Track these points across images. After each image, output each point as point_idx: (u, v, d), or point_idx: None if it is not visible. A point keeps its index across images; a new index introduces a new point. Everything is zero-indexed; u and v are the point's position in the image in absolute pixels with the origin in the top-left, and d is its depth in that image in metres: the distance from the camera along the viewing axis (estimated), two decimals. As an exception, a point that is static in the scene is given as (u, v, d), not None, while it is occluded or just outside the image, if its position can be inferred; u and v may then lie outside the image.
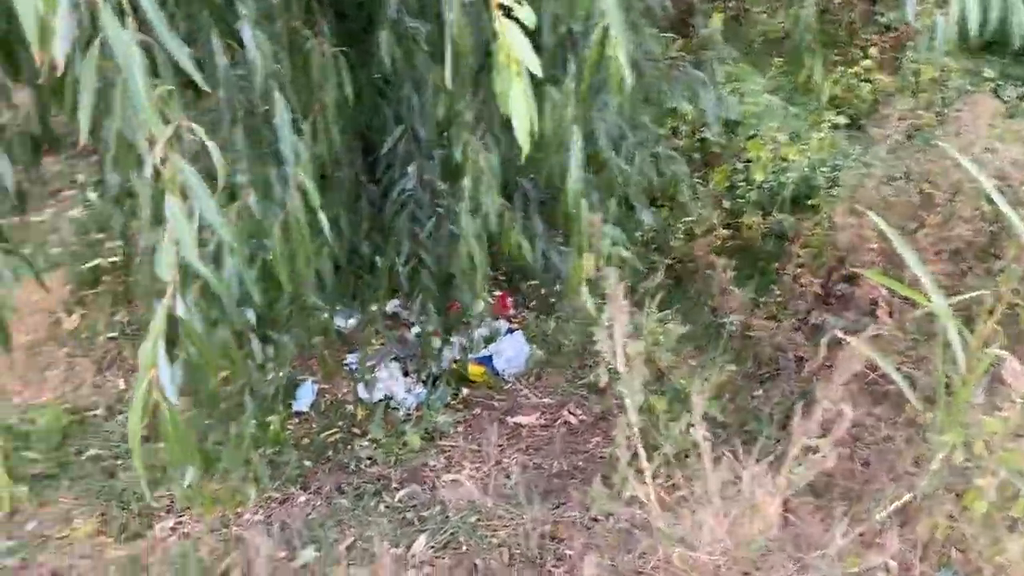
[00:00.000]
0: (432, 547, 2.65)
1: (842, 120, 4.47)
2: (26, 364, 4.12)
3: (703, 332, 3.61)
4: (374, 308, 3.46)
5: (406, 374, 3.71)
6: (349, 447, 3.40)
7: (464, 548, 2.62)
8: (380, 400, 3.53)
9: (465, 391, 3.68)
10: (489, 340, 3.89)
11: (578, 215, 2.03)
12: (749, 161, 4.30)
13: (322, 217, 1.73)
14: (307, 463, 3.32)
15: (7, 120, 2.16)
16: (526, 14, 1.38)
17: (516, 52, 1.40)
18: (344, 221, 3.31)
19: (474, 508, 2.79)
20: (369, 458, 3.29)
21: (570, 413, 3.43)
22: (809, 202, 3.93)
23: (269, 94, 1.68)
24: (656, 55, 3.52)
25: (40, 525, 3.20)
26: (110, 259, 4.29)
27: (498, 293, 4.21)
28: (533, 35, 1.45)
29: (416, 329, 3.80)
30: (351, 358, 3.85)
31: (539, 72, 1.44)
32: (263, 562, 2.65)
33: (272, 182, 1.76)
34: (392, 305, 3.88)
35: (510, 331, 4.01)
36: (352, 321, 3.97)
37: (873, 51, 5.00)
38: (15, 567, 2.96)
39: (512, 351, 3.83)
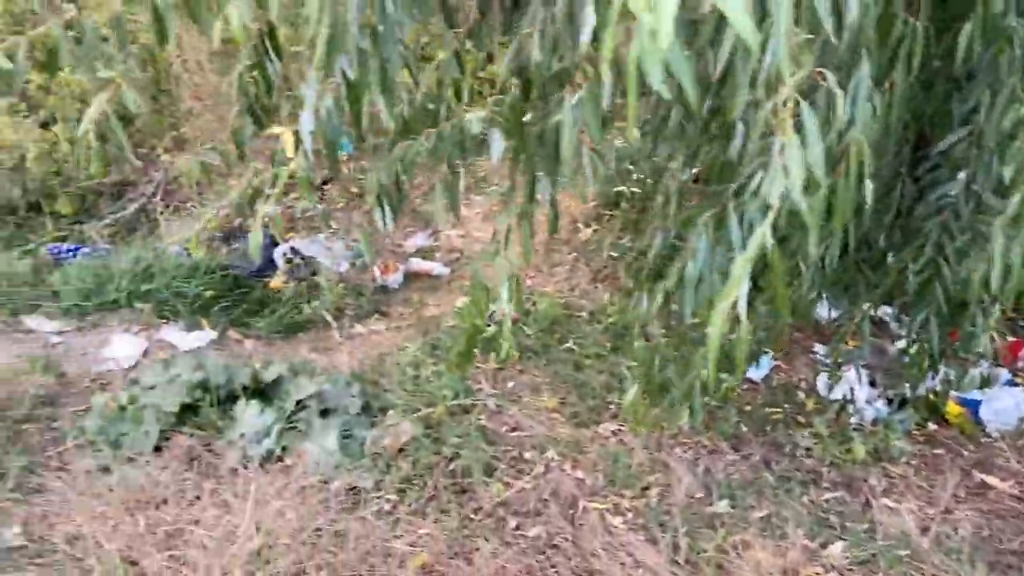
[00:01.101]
0: (847, 557, 2.53)
1: None
2: (543, 257, 4.89)
3: None
4: (865, 307, 3.30)
5: (872, 384, 3.50)
6: (788, 430, 3.38)
7: (881, 575, 2.46)
8: (837, 400, 3.40)
9: (932, 426, 3.34)
10: (983, 384, 3.43)
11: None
12: None
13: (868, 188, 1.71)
14: (743, 427, 3.39)
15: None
16: None
17: None
18: (868, 209, 3.18)
19: (907, 543, 2.57)
20: (807, 449, 3.23)
21: (1059, 498, 2.90)
22: None
23: (856, 50, 1.69)
24: None
25: (516, 386, 3.84)
26: (631, 188, 4.78)
27: (1012, 339, 3.66)
28: None
29: (901, 344, 3.53)
30: (820, 348, 3.75)
31: None
32: (682, 493, 2.84)
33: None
34: (882, 311, 3.65)
35: (1011, 383, 3.49)
36: (832, 312, 3.85)
37: None
38: (491, 409, 3.62)
39: (1005, 404, 3.34)
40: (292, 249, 4.99)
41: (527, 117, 1.76)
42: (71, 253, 4.46)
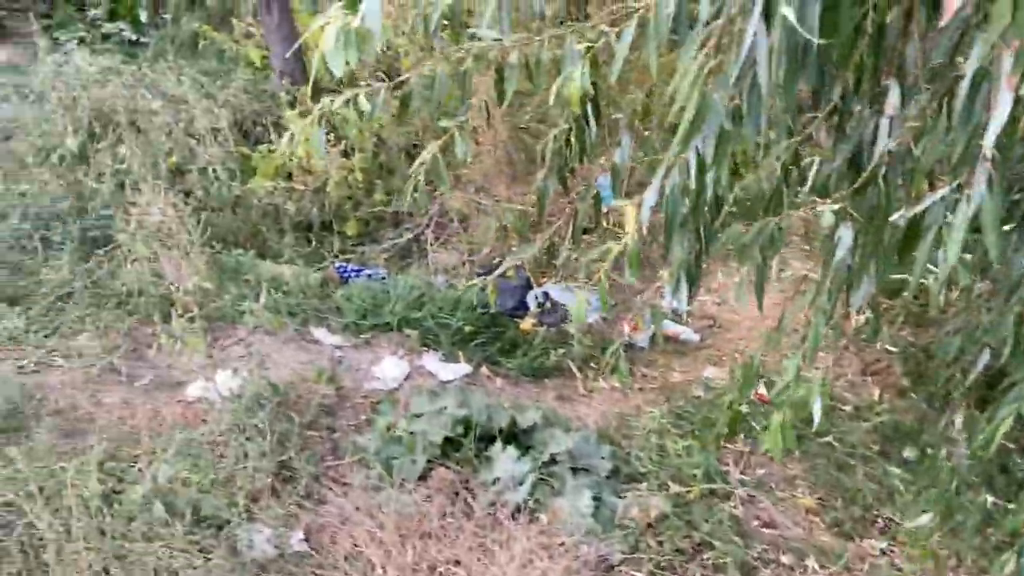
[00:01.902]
0: None
1: None
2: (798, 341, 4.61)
3: None
4: None
5: None
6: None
7: None
8: None
9: None
10: None
11: None
12: None
13: None
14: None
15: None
16: None
17: None
18: None
19: None
20: None
21: None
22: None
23: None
24: None
25: (768, 475, 3.63)
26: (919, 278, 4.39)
27: None
28: None
29: None
30: None
31: None
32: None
33: None
34: None
35: None
36: None
37: None
38: (742, 497, 3.43)
39: None
40: (545, 294, 5.10)
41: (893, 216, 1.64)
42: (355, 273, 4.87)
